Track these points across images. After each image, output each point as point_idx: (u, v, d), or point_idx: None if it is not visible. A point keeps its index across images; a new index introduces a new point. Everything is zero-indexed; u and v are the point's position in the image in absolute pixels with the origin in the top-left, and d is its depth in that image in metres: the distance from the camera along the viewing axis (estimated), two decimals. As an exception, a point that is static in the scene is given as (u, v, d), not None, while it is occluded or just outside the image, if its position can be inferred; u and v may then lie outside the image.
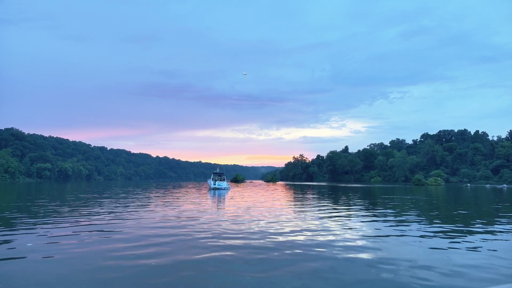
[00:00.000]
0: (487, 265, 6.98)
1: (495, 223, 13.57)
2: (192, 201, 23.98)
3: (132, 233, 10.50)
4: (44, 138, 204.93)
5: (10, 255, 7.63)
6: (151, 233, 10.41)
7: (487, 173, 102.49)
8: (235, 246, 8.62)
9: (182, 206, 20.32)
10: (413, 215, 16.02)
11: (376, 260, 7.27)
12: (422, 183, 74.77)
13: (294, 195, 34.70)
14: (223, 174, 53.77)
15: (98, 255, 7.65)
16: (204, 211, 17.17)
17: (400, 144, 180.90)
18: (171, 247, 8.49)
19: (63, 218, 13.91)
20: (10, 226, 11.85)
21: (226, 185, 46.96)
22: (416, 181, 76.00)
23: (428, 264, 7.02)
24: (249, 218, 14.24)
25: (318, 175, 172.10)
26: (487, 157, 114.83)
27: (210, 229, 11.34)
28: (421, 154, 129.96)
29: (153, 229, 11.27)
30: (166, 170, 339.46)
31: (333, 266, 6.81)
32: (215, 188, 44.82)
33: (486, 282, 5.89)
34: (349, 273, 6.40)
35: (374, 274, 6.33)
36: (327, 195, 34.46)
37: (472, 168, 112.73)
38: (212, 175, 51.09)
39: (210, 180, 50.18)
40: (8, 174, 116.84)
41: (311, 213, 16.71)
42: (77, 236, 9.99)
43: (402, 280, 5.94)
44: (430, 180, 77.61)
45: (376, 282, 5.86)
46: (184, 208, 18.73)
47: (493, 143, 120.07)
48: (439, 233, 10.89)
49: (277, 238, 9.79)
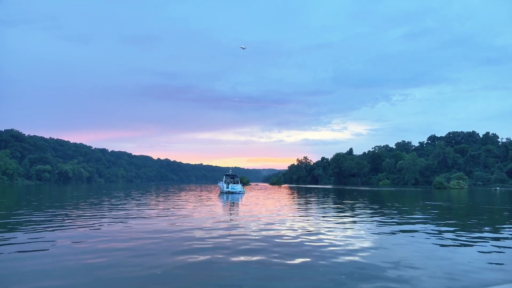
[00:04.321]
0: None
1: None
2: (214, 210, 20.44)
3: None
4: (44, 140, 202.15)
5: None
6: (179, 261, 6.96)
7: (502, 176, 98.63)
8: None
9: (212, 219, 16.78)
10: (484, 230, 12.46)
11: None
12: (444, 187, 71.08)
13: (324, 201, 31.12)
14: (236, 176, 48.20)
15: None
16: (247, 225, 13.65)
17: (406, 146, 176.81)
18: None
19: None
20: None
21: (241, 189, 41.83)
22: (437, 184, 72.25)
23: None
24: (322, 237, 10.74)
25: (323, 178, 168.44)
26: (500, 159, 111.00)
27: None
28: (432, 157, 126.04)
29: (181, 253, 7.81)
30: (168, 173, 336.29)
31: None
32: (229, 192, 40.39)
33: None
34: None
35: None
36: (351, 200, 30.87)
37: (486, 170, 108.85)
38: (224, 177, 46.03)
39: (222, 183, 45.46)
40: (6, 176, 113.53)
41: (360, 226, 13.18)
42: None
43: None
44: (452, 183, 73.82)
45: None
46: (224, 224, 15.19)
47: (507, 145, 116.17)
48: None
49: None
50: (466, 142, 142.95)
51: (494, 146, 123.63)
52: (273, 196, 37.02)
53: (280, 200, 29.73)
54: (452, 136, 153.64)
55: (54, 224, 12.48)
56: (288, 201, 27.72)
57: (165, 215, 16.12)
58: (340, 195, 39.18)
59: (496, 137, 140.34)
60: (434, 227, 12.48)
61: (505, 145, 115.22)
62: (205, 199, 29.11)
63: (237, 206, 22.59)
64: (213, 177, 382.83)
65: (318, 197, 34.23)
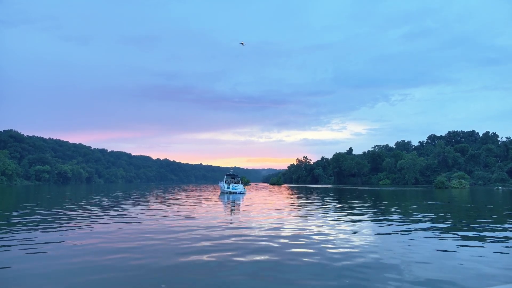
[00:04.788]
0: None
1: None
2: (215, 211, 20.11)
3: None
4: (43, 140, 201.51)
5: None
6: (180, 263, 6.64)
7: (503, 175, 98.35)
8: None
9: (212, 217, 16.46)
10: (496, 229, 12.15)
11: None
12: (445, 186, 70.42)
13: (326, 200, 30.82)
14: (237, 176, 47.64)
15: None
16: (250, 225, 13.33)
17: (406, 146, 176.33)
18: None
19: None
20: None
21: (242, 189, 41.27)
22: (439, 184, 71.54)
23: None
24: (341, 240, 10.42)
25: (323, 178, 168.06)
26: (501, 159, 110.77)
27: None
28: (432, 156, 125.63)
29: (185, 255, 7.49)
30: (167, 173, 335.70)
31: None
32: (230, 192, 39.88)
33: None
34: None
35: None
36: (355, 200, 30.56)
37: (486, 170, 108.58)
38: (225, 177, 45.23)
39: (223, 183, 44.67)
40: (5, 176, 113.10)
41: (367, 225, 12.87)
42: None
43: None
44: (454, 182, 73.25)
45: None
46: (218, 222, 14.87)
47: (507, 144, 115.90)
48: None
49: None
50: (466, 141, 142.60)
51: (494, 146, 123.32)
52: (275, 196, 36.70)
53: (282, 200, 29.43)
54: (452, 136, 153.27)
55: (54, 225, 12.15)
56: (291, 201, 27.42)
57: (166, 216, 15.80)
58: (342, 195, 38.89)
59: (496, 136, 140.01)
60: (441, 227, 12.17)
61: (505, 144, 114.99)
62: (206, 200, 28.79)
63: (238, 206, 22.26)
64: (212, 177, 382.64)
65: (320, 197, 33.93)
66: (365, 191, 53.44)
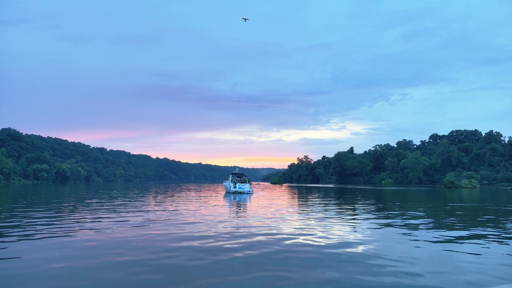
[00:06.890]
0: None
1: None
2: (221, 211, 18.56)
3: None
4: (42, 139, 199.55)
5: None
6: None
7: (509, 175, 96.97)
8: None
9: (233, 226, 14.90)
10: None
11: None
12: (455, 186, 69.01)
13: (326, 201, 29.30)
14: (244, 175, 44.62)
15: None
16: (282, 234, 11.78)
17: (408, 145, 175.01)
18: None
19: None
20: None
21: (249, 189, 38.89)
22: (448, 184, 70.05)
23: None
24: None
25: (324, 177, 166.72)
26: (505, 158, 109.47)
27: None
28: (435, 155, 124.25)
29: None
30: (166, 172, 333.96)
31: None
32: (236, 192, 37.73)
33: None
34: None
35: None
36: (366, 200, 29.07)
37: (491, 169, 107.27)
38: (231, 176, 42.87)
39: (229, 182, 42.01)
40: (3, 175, 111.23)
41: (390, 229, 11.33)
42: None
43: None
44: (463, 182, 71.83)
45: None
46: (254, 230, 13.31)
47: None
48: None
49: None
50: (469, 140, 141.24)
51: (498, 145, 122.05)
52: (281, 196, 35.26)
53: (290, 200, 28.13)
54: (456, 135, 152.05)
55: (54, 225, 10.60)
56: (299, 202, 26.03)
57: (172, 217, 14.25)
58: (348, 195, 37.38)
59: (500, 135, 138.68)
60: (464, 231, 10.65)
61: (510, 144, 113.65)
62: (212, 200, 27.26)
63: (246, 207, 20.70)
64: (212, 177, 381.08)
65: (325, 197, 32.44)
66: (369, 190, 52.02)
